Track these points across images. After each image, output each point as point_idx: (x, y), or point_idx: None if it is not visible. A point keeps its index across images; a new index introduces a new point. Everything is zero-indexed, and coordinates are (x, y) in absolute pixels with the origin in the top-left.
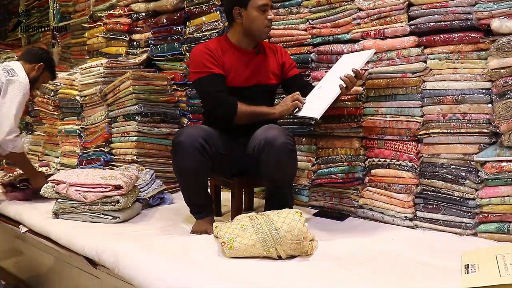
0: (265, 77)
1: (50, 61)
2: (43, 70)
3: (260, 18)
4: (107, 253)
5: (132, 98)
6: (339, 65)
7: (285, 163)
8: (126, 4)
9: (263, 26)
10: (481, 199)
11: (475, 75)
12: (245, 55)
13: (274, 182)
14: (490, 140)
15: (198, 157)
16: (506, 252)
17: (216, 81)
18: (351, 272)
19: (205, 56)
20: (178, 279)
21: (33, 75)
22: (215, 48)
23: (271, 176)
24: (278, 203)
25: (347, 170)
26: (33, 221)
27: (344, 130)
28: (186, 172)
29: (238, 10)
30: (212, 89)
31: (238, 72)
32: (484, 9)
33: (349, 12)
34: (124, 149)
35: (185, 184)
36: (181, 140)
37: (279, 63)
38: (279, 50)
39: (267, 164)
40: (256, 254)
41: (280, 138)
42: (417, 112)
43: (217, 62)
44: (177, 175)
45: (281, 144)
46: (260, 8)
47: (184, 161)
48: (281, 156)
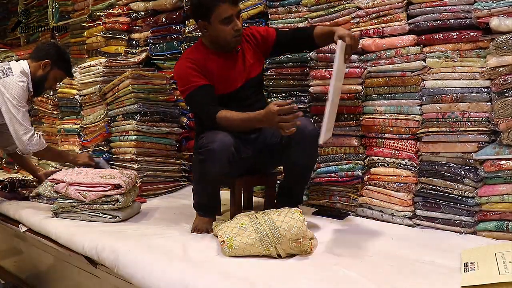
0: (249, 71)
1: (59, 57)
2: (51, 67)
3: (225, 30)
4: (106, 252)
5: (131, 97)
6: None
7: (314, 150)
8: (125, 3)
9: (230, 37)
10: (480, 197)
11: (474, 73)
12: (228, 59)
13: (299, 170)
14: (489, 139)
15: (227, 166)
16: (505, 250)
17: (202, 94)
18: (350, 270)
19: (188, 70)
20: (177, 278)
21: (40, 73)
22: (197, 58)
23: (300, 162)
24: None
25: (346, 169)
26: (32, 220)
27: (343, 128)
28: (212, 178)
29: (202, 23)
30: (199, 104)
31: (226, 77)
32: (483, 7)
33: (348, 10)
34: (123, 148)
35: (203, 189)
36: (214, 148)
37: (256, 44)
38: (250, 33)
39: (297, 151)
40: (255, 253)
41: (310, 125)
42: (416, 110)
43: (202, 72)
44: (200, 179)
45: (311, 130)
46: (224, 21)
47: (213, 168)
48: (310, 142)
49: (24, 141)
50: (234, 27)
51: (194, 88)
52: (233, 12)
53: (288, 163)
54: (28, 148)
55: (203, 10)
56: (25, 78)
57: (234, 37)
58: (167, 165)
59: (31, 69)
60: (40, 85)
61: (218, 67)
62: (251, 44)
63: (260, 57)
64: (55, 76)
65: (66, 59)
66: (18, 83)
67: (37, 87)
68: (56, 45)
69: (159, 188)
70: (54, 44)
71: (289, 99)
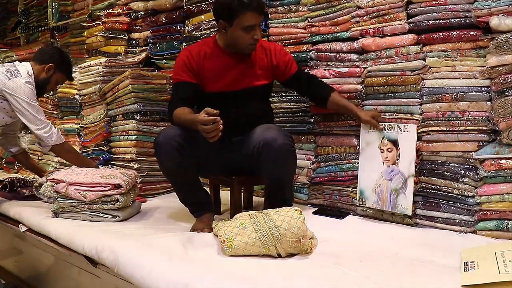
0: (255, 79)
1: (62, 61)
2: (54, 71)
3: (244, 37)
4: (106, 252)
5: (131, 96)
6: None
7: (284, 163)
8: (125, 3)
9: (247, 44)
10: (480, 197)
11: (474, 72)
12: (232, 59)
13: (273, 182)
14: (489, 138)
15: (177, 156)
16: (505, 250)
17: (180, 89)
18: (350, 270)
19: (180, 63)
20: (177, 278)
21: (43, 76)
22: (197, 53)
23: (271, 176)
24: (278, 201)
25: (346, 168)
26: (32, 220)
27: (343, 128)
28: (169, 172)
29: (224, 24)
30: (172, 96)
31: (224, 76)
32: (483, 6)
33: (348, 10)
34: (123, 148)
35: (173, 184)
36: (158, 141)
37: (271, 63)
38: (273, 50)
39: (266, 165)
40: (255, 253)
41: (279, 139)
42: (416, 110)
43: (191, 69)
44: (164, 175)
45: (280, 145)
46: (245, 29)
47: (164, 161)
48: (280, 157)
49: (43, 135)
50: (254, 36)
51: (176, 81)
52: (257, 22)
53: (262, 176)
54: (48, 140)
55: (229, 13)
56: (31, 80)
57: (250, 45)
58: None
59: (35, 72)
60: (42, 88)
61: (217, 65)
62: (268, 59)
63: (270, 75)
64: (57, 79)
65: (68, 63)
66: (27, 84)
67: (39, 90)
68: (60, 49)
69: (159, 187)
70: (57, 48)
71: (289, 98)
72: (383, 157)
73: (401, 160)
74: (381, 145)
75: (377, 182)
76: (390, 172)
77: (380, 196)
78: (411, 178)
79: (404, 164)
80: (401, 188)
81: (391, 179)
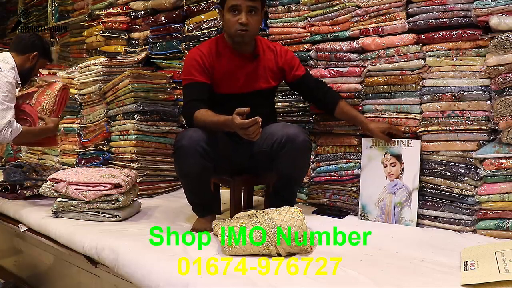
0: (264, 82)
1: (43, 46)
2: (38, 58)
3: (230, 20)
4: (106, 252)
5: (131, 96)
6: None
7: (303, 159)
8: (125, 2)
9: (234, 29)
10: (480, 196)
11: (474, 72)
12: (241, 60)
13: (285, 178)
14: (489, 137)
15: (201, 161)
16: (505, 249)
17: (195, 90)
18: (350, 269)
19: (193, 62)
20: (177, 277)
21: (28, 65)
22: (208, 52)
23: (288, 172)
24: (284, 199)
25: (346, 168)
26: (32, 220)
27: (342, 127)
28: (189, 176)
29: (220, 11)
30: (188, 97)
31: (233, 78)
32: (482, 6)
33: (348, 9)
34: (123, 148)
35: (187, 186)
36: (183, 144)
37: (278, 65)
38: (279, 51)
39: (285, 160)
40: (255, 252)
41: (301, 135)
42: (416, 109)
43: (205, 69)
44: (180, 177)
45: (302, 141)
46: (231, 9)
47: (186, 165)
48: (301, 153)
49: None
50: (239, 19)
51: (190, 82)
52: (241, 3)
53: (277, 172)
54: (5, 135)
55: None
56: (13, 73)
57: (238, 31)
58: (167, 164)
59: (17, 62)
60: (27, 76)
61: (227, 66)
62: (276, 60)
63: (277, 77)
64: (40, 65)
65: (48, 47)
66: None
67: (24, 78)
68: (38, 35)
69: (159, 187)
70: (36, 35)
71: (289, 98)
72: (386, 172)
73: (405, 174)
74: (383, 160)
75: (380, 196)
76: (393, 186)
77: (384, 210)
78: (415, 191)
79: (408, 178)
80: (405, 201)
81: (394, 193)
